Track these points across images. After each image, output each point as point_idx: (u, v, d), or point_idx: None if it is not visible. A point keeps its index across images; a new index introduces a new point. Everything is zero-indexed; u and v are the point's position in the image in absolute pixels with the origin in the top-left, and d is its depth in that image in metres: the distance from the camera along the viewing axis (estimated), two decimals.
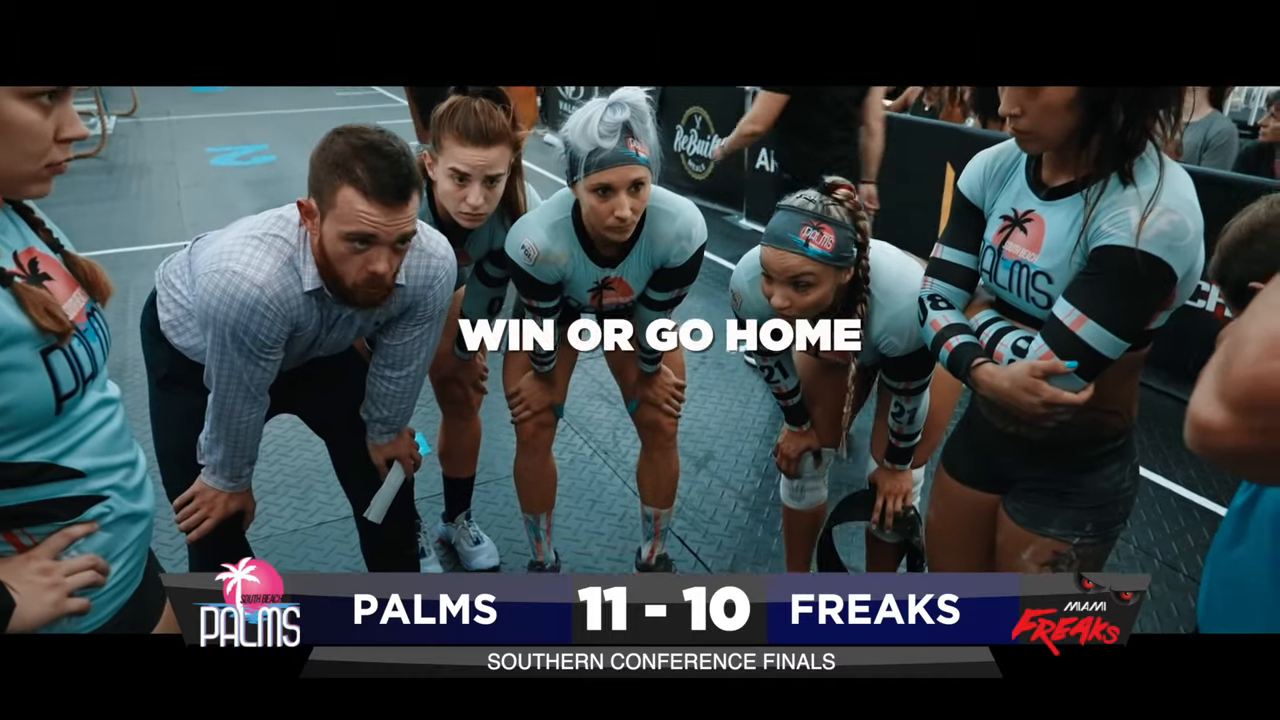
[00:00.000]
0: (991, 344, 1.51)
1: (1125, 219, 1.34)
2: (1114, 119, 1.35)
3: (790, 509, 2.39)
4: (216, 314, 1.64)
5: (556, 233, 2.02)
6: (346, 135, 1.61)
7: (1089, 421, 1.53)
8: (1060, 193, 1.44)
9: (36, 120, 1.00)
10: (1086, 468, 1.57)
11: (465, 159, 1.96)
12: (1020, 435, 1.59)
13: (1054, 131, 1.38)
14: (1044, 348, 1.41)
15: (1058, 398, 1.40)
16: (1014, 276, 1.49)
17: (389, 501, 2.09)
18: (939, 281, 1.62)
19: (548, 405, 2.37)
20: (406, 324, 1.93)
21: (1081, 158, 1.40)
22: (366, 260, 1.63)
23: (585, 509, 3.05)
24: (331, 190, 1.59)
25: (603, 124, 1.83)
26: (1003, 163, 1.56)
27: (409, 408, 2.06)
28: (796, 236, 1.72)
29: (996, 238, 1.52)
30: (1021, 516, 1.63)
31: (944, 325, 1.58)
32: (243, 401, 1.77)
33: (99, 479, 1.14)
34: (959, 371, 1.53)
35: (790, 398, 2.21)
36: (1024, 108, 1.37)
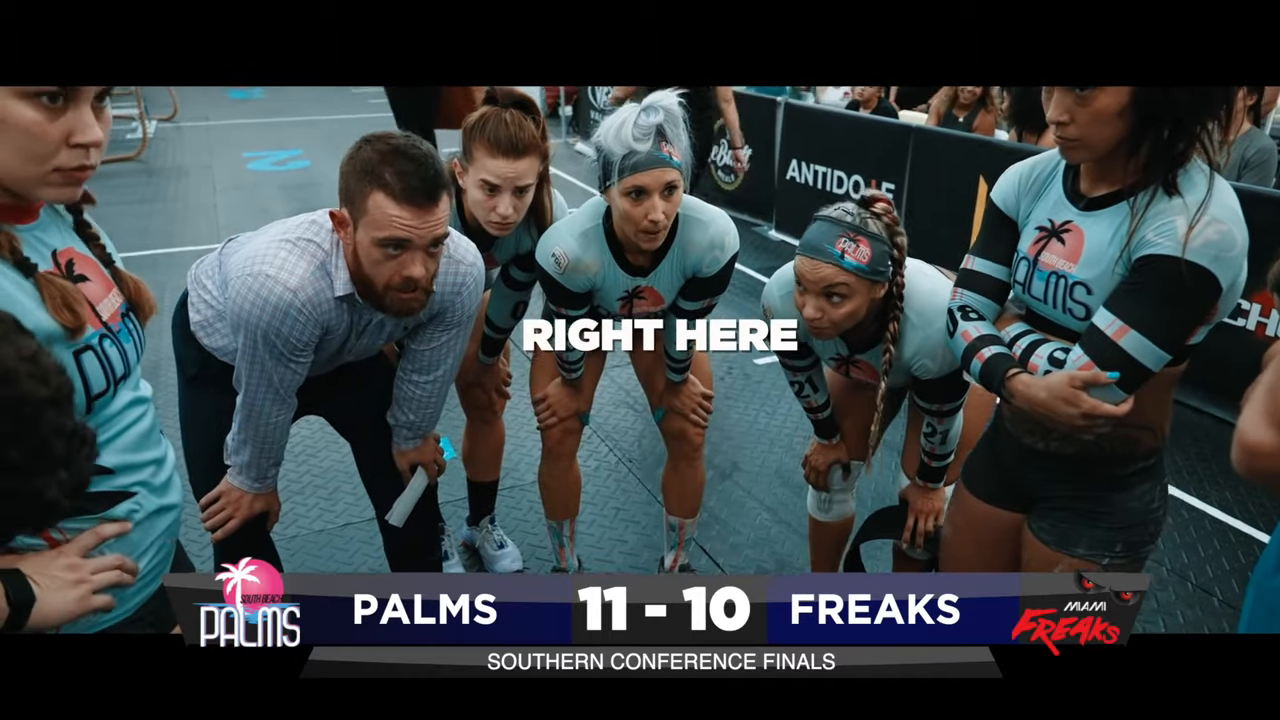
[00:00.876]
0: (1025, 356, 1.48)
1: (1172, 228, 1.31)
2: (1163, 128, 1.32)
3: (817, 521, 2.37)
4: (249, 316, 1.66)
5: (587, 241, 2.02)
6: (374, 143, 1.63)
7: (1123, 438, 1.49)
8: (1101, 203, 1.42)
9: (35, 120, 0.97)
10: (1118, 486, 1.54)
11: (495, 170, 1.97)
12: (1051, 452, 1.56)
13: (1102, 140, 1.36)
14: (1083, 358, 1.38)
15: (1098, 409, 1.37)
16: (1050, 288, 1.46)
17: (411, 506, 2.10)
18: (969, 292, 1.60)
19: (574, 412, 2.37)
20: (434, 330, 1.94)
21: (1128, 167, 1.38)
22: (400, 265, 1.64)
23: (610, 516, 3.05)
24: (363, 197, 1.60)
25: (637, 127, 1.83)
26: (1039, 174, 1.54)
27: (435, 413, 2.07)
28: (833, 247, 1.70)
29: (1032, 249, 1.50)
30: (1049, 536, 1.60)
31: (976, 336, 1.55)
32: (271, 403, 1.79)
33: (127, 475, 1.16)
34: (992, 382, 1.50)
35: (820, 412, 2.19)
36: (1073, 115, 1.35)
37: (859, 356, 1.95)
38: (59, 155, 0.99)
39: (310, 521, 2.98)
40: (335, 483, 3.18)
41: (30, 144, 0.98)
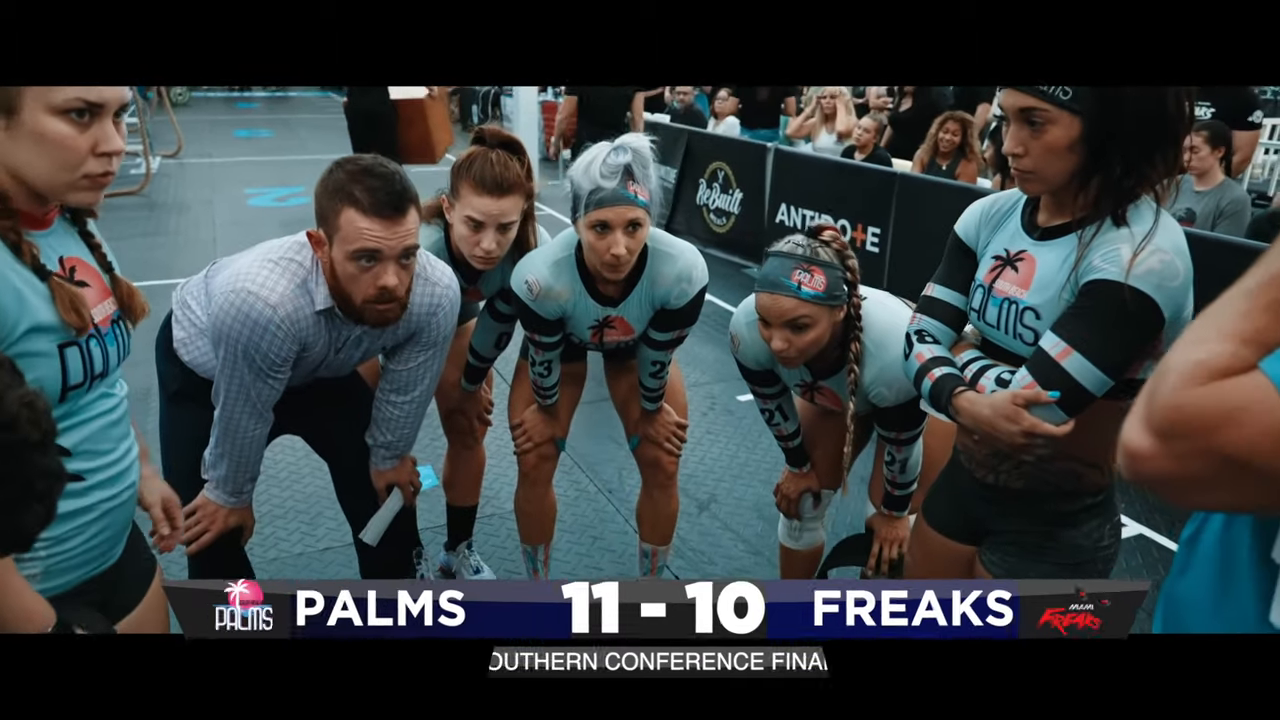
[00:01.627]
0: (975, 379, 1.53)
1: (1116, 255, 1.36)
2: (1113, 164, 1.38)
3: (787, 549, 2.41)
4: (230, 331, 1.73)
5: (559, 270, 2.10)
6: (343, 164, 1.73)
7: (1068, 472, 1.53)
8: (1054, 233, 1.48)
9: (69, 134, 1.11)
10: (1065, 523, 1.57)
11: (480, 208, 2.06)
12: (1000, 485, 1.60)
13: (1054, 173, 1.41)
14: (1028, 378, 1.42)
15: (1037, 427, 1.40)
16: (1002, 313, 1.52)
17: (385, 525, 2.14)
18: (927, 318, 1.65)
19: (549, 438, 2.42)
20: (411, 349, 2.01)
21: (1079, 200, 1.43)
22: (374, 276, 1.72)
23: (586, 545, 3.09)
24: (335, 215, 1.69)
25: (605, 165, 1.91)
26: (1000, 208, 1.60)
27: (412, 434, 2.13)
28: (789, 280, 1.78)
29: (988, 276, 1.55)
30: (997, 569, 1.63)
31: (929, 358, 1.60)
32: (248, 417, 1.85)
33: (85, 460, 1.23)
34: (940, 400, 1.55)
35: (790, 440, 2.25)
36: (1027, 147, 1.41)
37: (822, 383, 2.01)
38: (87, 163, 1.13)
39: (291, 545, 3.02)
40: (318, 508, 3.22)
41: (63, 154, 1.11)
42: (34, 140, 1.10)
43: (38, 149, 1.11)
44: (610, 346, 2.30)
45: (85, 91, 1.11)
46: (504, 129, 2.22)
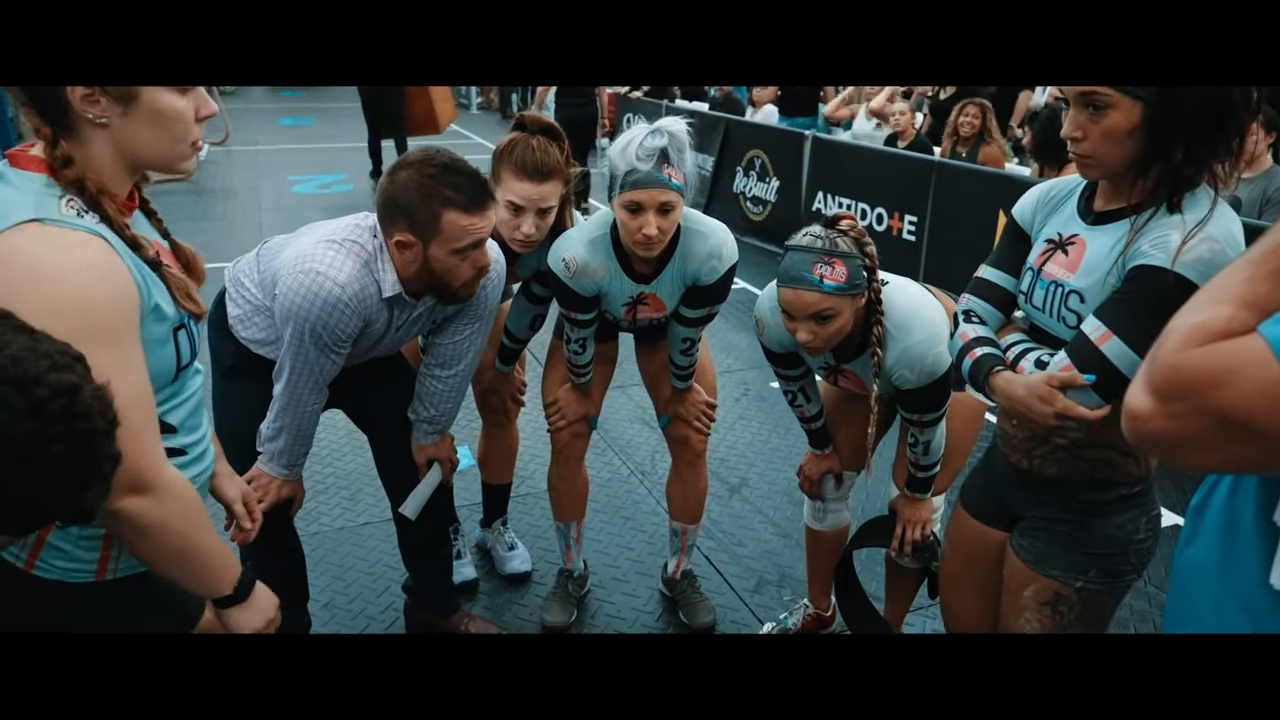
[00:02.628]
0: (1016, 361, 1.52)
1: (1166, 241, 1.34)
2: (1173, 151, 1.36)
3: (813, 530, 2.45)
4: (300, 310, 1.81)
5: (595, 248, 2.15)
6: (417, 167, 1.79)
7: (1102, 460, 1.51)
8: (1107, 218, 1.46)
9: (183, 106, 1.20)
10: (1097, 512, 1.55)
11: (521, 192, 2.12)
12: (1032, 470, 1.59)
13: (1113, 158, 1.40)
14: (1065, 360, 1.41)
15: (1070, 409, 1.39)
16: (1048, 296, 1.51)
17: (424, 499, 2.21)
18: (975, 299, 1.64)
19: (582, 416, 2.48)
20: (459, 323, 2.10)
21: (1136, 186, 1.42)
22: (474, 260, 1.85)
23: (618, 525, 3.15)
24: (434, 218, 1.78)
25: (641, 148, 1.96)
26: (1057, 192, 1.59)
27: (454, 409, 2.20)
28: (810, 274, 1.79)
29: (1038, 260, 1.54)
30: (1026, 554, 1.62)
31: (972, 337, 1.59)
32: (310, 391, 1.94)
33: (186, 435, 1.33)
34: (978, 379, 1.54)
35: (813, 421, 2.28)
36: (1086, 131, 1.39)
37: (845, 366, 2.04)
38: (192, 130, 1.23)
39: (332, 519, 3.12)
40: (358, 484, 3.32)
41: (179, 126, 1.21)
42: (152, 120, 1.18)
43: (156, 127, 1.18)
44: (643, 324, 2.35)
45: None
46: (544, 116, 2.27)
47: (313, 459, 3.47)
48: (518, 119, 2.23)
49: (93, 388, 0.96)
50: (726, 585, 2.82)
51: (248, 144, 11.27)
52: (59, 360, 0.94)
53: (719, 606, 2.67)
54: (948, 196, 5.29)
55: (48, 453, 0.91)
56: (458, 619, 2.48)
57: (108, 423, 0.97)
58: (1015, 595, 1.64)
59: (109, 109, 1.15)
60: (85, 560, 1.25)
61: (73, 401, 0.93)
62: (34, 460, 0.91)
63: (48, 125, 1.15)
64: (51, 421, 0.91)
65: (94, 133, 1.16)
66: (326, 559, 2.88)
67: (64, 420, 0.92)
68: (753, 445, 3.79)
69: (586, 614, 2.66)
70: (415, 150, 1.86)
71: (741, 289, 5.41)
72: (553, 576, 2.75)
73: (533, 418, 3.43)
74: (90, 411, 0.94)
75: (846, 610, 2.36)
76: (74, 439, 0.93)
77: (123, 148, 1.18)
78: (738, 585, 2.82)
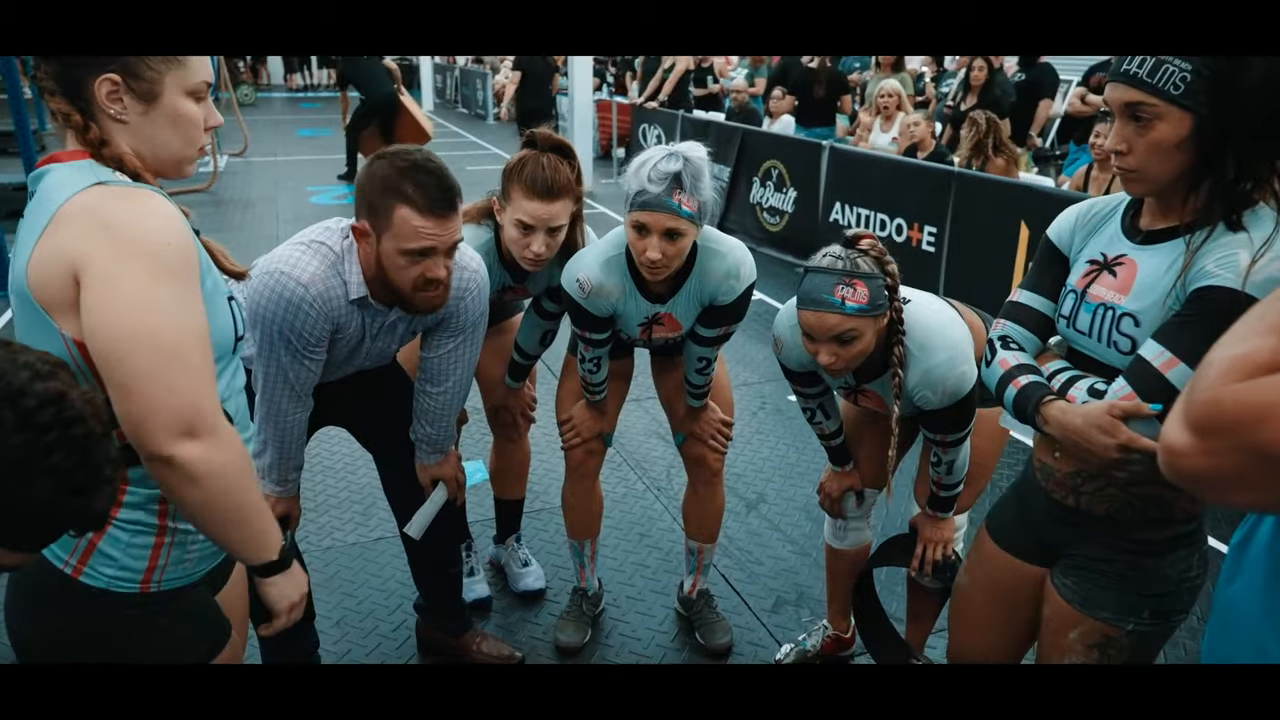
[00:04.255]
0: (1063, 390, 1.42)
1: (1234, 260, 1.26)
2: (1226, 165, 1.28)
3: (833, 549, 2.39)
4: (265, 311, 1.78)
5: (610, 268, 2.11)
6: (391, 159, 1.76)
7: (1155, 497, 1.43)
8: (1158, 237, 1.38)
9: (197, 112, 1.25)
10: (1151, 551, 1.47)
11: (531, 212, 2.09)
12: (1081, 508, 1.50)
13: (1161, 172, 1.32)
14: (1126, 388, 1.32)
15: (1134, 441, 1.29)
16: (1096, 320, 1.42)
17: (429, 519, 2.17)
18: (1011, 324, 1.56)
19: (597, 433, 2.44)
20: (442, 336, 2.05)
21: (1188, 204, 1.34)
22: (425, 269, 1.77)
23: (634, 542, 3.10)
24: (387, 211, 1.72)
25: (655, 170, 1.91)
26: (1098, 211, 1.52)
27: (450, 427, 2.17)
28: (832, 296, 1.74)
29: (1081, 281, 1.46)
30: (1072, 594, 1.53)
31: (1013, 364, 1.50)
32: (288, 400, 1.90)
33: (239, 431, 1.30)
34: (1025, 411, 1.44)
35: (833, 439, 2.23)
36: (1131, 144, 1.32)
37: (866, 386, 1.99)
38: (202, 137, 1.28)
39: (345, 535, 3.09)
40: (371, 498, 3.29)
41: (192, 130, 1.25)
42: (172, 121, 1.22)
43: (174, 129, 1.23)
44: (658, 343, 2.31)
45: (206, 74, 1.25)
46: (554, 133, 2.24)
47: (325, 473, 3.47)
48: (528, 136, 2.20)
49: (80, 392, 0.96)
50: (744, 605, 2.77)
51: (266, 155, 11.36)
52: (40, 369, 0.93)
53: (736, 627, 2.62)
54: (968, 207, 5.22)
55: (45, 463, 0.90)
56: (470, 638, 2.44)
57: (103, 425, 0.97)
58: (1058, 635, 1.56)
59: (131, 106, 1.19)
60: (133, 570, 1.25)
61: (62, 408, 0.92)
62: (32, 471, 0.90)
63: (78, 113, 1.18)
64: (44, 431, 0.90)
65: (114, 128, 1.20)
66: (339, 575, 2.86)
67: (57, 428, 0.91)
68: (770, 460, 3.74)
69: (601, 634, 2.62)
70: (402, 145, 1.83)
71: (758, 300, 5.37)
72: (566, 594, 2.71)
73: (546, 431, 3.40)
74: (83, 416, 0.94)
75: (866, 632, 2.31)
76: (70, 445, 0.92)
77: (141, 145, 1.22)
78: (755, 605, 2.77)
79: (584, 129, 9.21)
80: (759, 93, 8.93)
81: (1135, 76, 1.29)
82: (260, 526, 1.27)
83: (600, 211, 8.27)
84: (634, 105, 9.69)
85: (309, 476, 3.36)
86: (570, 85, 9.17)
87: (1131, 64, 1.29)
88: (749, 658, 2.53)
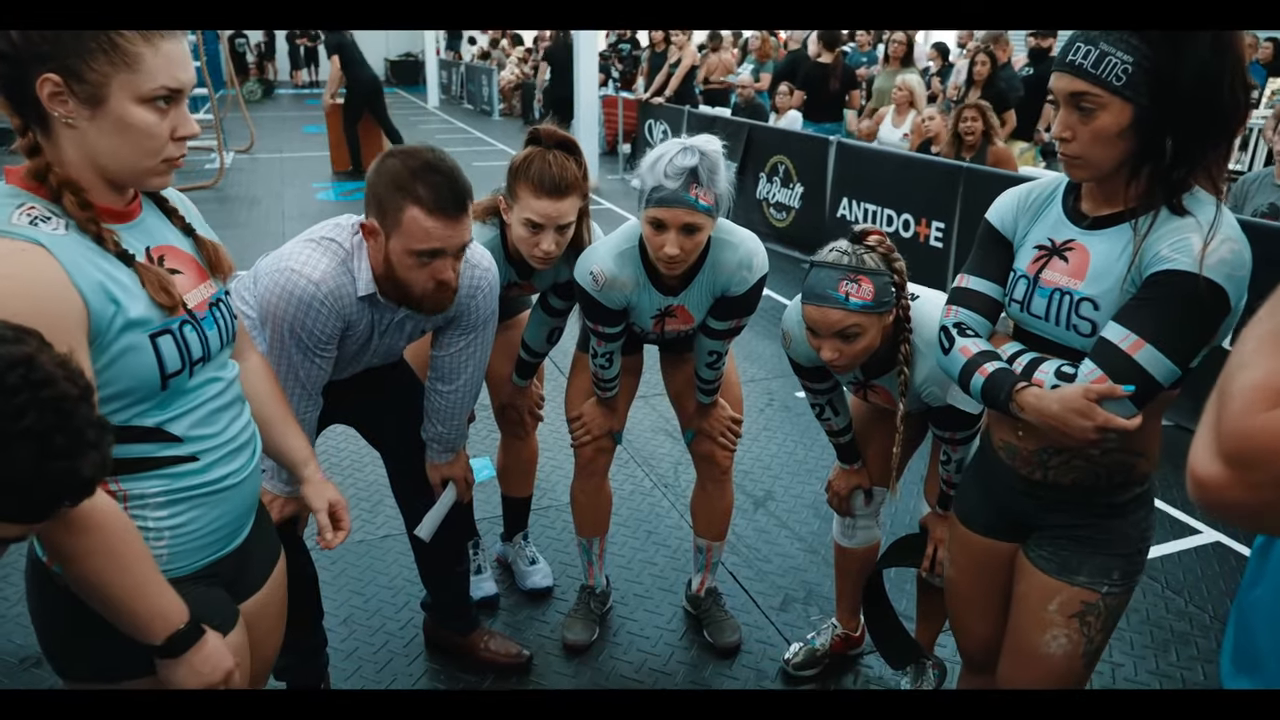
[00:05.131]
0: (1027, 373, 1.47)
1: (1187, 244, 1.32)
2: (1163, 153, 1.34)
3: (842, 547, 2.38)
4: (275, 309, 1.77)
5: (623, 261, 2.10)
6: (401, 157, 1.73)
7: (1119, 464, 1.50)
8: (1106, 222, 1.44)
9: (154, 121, 1.15)
10: (1116, 513, 1.55)
11: (539, 210, 2.07)
12: (1048, 482, 1.56)
13: (1103, 159, 1.38)
14: (1096, 371, 1.37)
15: (1111, 422, 1.34)
16: (1053, 304, 1.47)
17: (439, 520, 2.16)
18: (964, 309, 1.58)
19: (607, 431, 2.43)
20: (452, 334, 2.03)
21: (1129, 190, 1.40)
22: (433, 271, 1.75)
23: (641, 539, 3.09)
24: (396, 210, 1.70)
25: (671, 165, 1.89)
26: (1037, 196, 1.55)
27: (461, 426, 2.16)
28: (836, 292, 1.74)
29: (1031, 267, 1.51)
30: (1048, 564, 1.59)
31: (975, 352, 1.53)
32: (298, 398, 1.88)
33: (195, 444, 1.28)
34: (998, 397, 1.48)
35: (841, 435, 2.22)
36: (1075, 132, 1.37)
37: (875, 382, 1.98)
38: (167, 148, 1.18)
39: (352, 532, 3.07)
40: (378, 495, 3.29)
41: (148, 141, 1.15)
42: (119, 129, 1.13)
43: (123, 137, 1.14)
44: (670, 336, 2.30)
45: (169, 79, 1.14)
46: (559, 129, 2.22)
47: (333, 470, 3.46)
48: (532, 133, 2.17)
49: (52, 355, 0.94)
50: (752, 603, 2.75)
51: (272, 151, 11.36)
52: (5, 334, 0.92)
53: (744, 625, 2.61)
54: (976, 202, 5.19)
55: (18, 426, 0.89)
56: (477, 637, 2.44)
57: (79, 389, 0.94)
58: (1038, 609, 1.60)
59: (76, 110, 1.11)
60: None
61: (30, 370, 0.90)
62: (7, 436, 0.88)
63: (18, 116, 1.13)
64: (12, 394, 0.89)
65: (64, 133, 1.13)
66: (346, 572, 2.85)
67: (26, 390, 0.89)
68: (778, 457, 3.73)
69: (609, 632, 2.61)
70: (413, 144, 1.81)
71: (765, 296, 5.34)
72: (574, 591, 2.70)
73: (553, 428, 3.39)
74: (54, 379, 0.92)
75: (876, 631, 2.29)
76: (42, 407, 0.90)
77: (89, 153, 1.15)
78: (763, 603, 2.76)
79: (589, 124, 9.19)
80: (764, 88, 8.90)
81: (1080, 67, 1.34)
82: (132, 611, 1.18)
83: (606, 208, 8.26)
84: (640, 100, 9.67)
85: None
86: (576, 81, 9.14)
87: (1077, 55, 1.35)
88: (758, 656, 2.52)
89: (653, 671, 2.46)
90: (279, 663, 2.20)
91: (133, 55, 1.11)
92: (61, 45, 1.09)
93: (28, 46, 1.08)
